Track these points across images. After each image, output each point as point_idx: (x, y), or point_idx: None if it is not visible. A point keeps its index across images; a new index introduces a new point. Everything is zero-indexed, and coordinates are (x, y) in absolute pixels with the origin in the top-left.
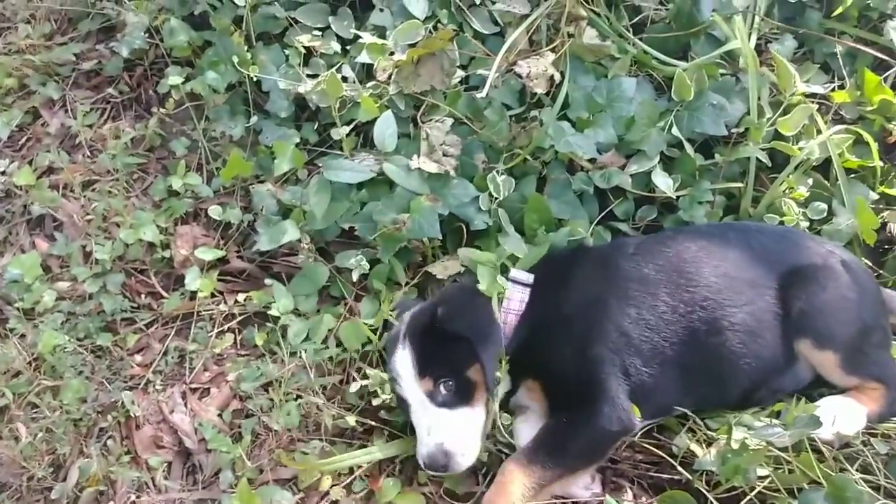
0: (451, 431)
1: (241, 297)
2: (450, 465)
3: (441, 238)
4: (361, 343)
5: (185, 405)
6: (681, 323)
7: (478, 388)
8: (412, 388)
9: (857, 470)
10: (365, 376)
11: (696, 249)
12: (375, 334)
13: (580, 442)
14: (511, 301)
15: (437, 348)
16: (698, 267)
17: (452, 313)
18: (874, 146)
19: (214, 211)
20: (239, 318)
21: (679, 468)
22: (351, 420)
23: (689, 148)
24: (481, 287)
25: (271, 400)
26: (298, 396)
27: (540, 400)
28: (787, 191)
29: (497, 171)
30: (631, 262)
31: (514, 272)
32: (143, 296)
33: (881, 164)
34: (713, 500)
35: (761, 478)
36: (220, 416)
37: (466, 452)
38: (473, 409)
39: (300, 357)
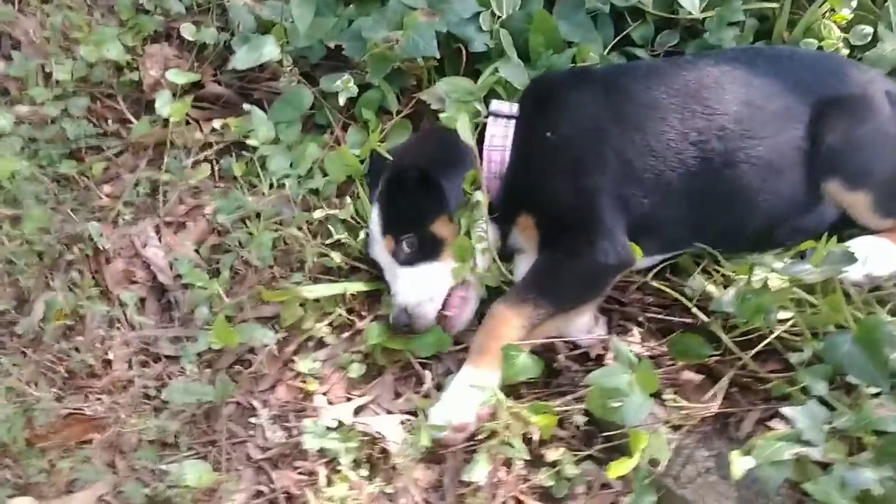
0: (414, 290)
1: (217, 124)
2: (413, 326)
3: (438, 59)
4: (347, 174)
5: (159, 239)
6: (691, 152)
7: (447, 243)
8: (380, 249)
9: (887, 314)
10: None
11: (718, 74)
12: (362, 165)
13: (573, 277)
14: (494, 137)
15: (401, 205)
16: (718, 93)
17: (407, 152)
18: None
19: (187, 30)
20: (216, 148)
21: (693, 310)
22: (336, 257)
23: None
24: (446, 117)
25: (251, 234)
26: (279, 230)
27: (533, 237)
28: (827, 13)
29: None
30: (640, 84)
31: (496, 104)
32: (110, 122)
33: None
34: (729, 343)
35: (782, 321)
36: (196, 251)
37: (430, 311)
38: (441, 264)
39: (282, 189)
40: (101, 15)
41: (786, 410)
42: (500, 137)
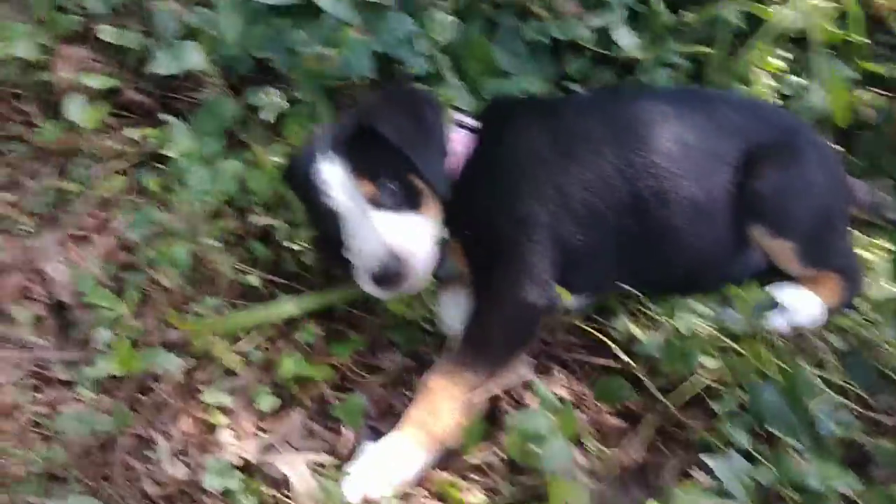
0: (403, 235)
1: (133, 133)
2: (404, 272)
3: (372, 78)
4: (270, 191)
5: (63, 254)
6: (625, 188)
7: (425, 195)
8: (348, 194)
9: (809, 365)
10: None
11: (652, 111)
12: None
13: (505, 329)
14: (456, 145)
15: (371, 152)
16: (652, 129)
17: (377, 111)
18: (860, 18)
19: (107, 32)
20: (132, 159)
21: (618, 353)
22: (254, 279)
23: (657, 3)
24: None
25: (164, 253)
26: (193, 249)
27: (462, 262)
28: (759, 60)
29: (441, 10)
30: (580, 115)
31: (459, 115)
32: (15, 124)
33: (866, 40)
34: (652, 388)
35: (708, 367)
36: (103, 268)
37: (422, 258)
38: (423, 216)
39: (199, 205)
40: (16, 12)
41: (707, 459)
42: (462, 146)
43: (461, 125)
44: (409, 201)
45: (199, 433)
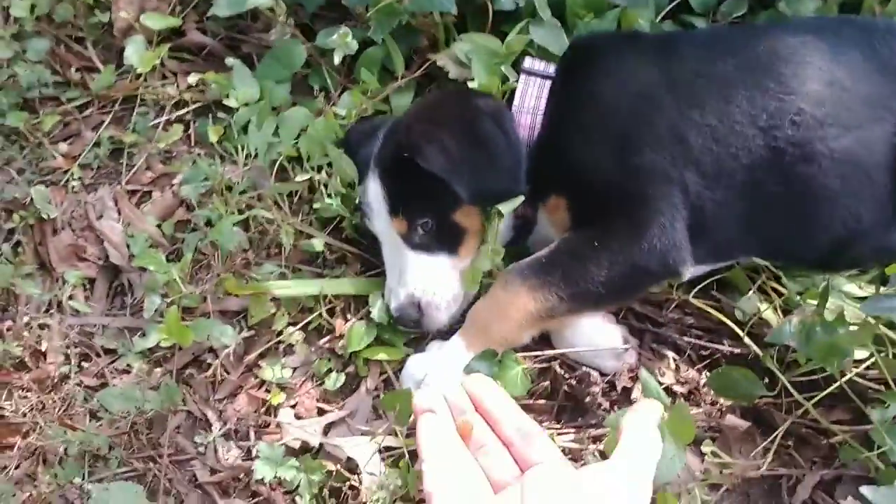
0: (428, 280)
1: (194, 79)
2: (423, 321)
3: (456, 16)
4: (333, 142)
5: (118, 210)
6: (760, 139)
7: (468, 236)
8: (384, 225)
9: None
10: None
11: (796, 45)
12: None
13: (609, 273)
14: (526, 97)
15: (415, 181)
16: (797, 69)
17: (419, 139)
18: None
19: None
20: (193, 107)
21: (745, 338)
22: (318, 244)
23: None
24: (476, 84)
25: (224, 211)
26: (251, 207)
27: (564, 221)
28: None
29: None
30: (701, 52)
31: (529, 62)
32: (74, 70)
33: None
34: (786, 383)
35: (857, 361)
36: (159, 226)
37: (444, 306)
38: (460, 259)
39: (260, 159)
40: None
41: (865, 491)
42: (534, 98)
43: (530, 73)
44: (446, 241)
45: (256, 413)
